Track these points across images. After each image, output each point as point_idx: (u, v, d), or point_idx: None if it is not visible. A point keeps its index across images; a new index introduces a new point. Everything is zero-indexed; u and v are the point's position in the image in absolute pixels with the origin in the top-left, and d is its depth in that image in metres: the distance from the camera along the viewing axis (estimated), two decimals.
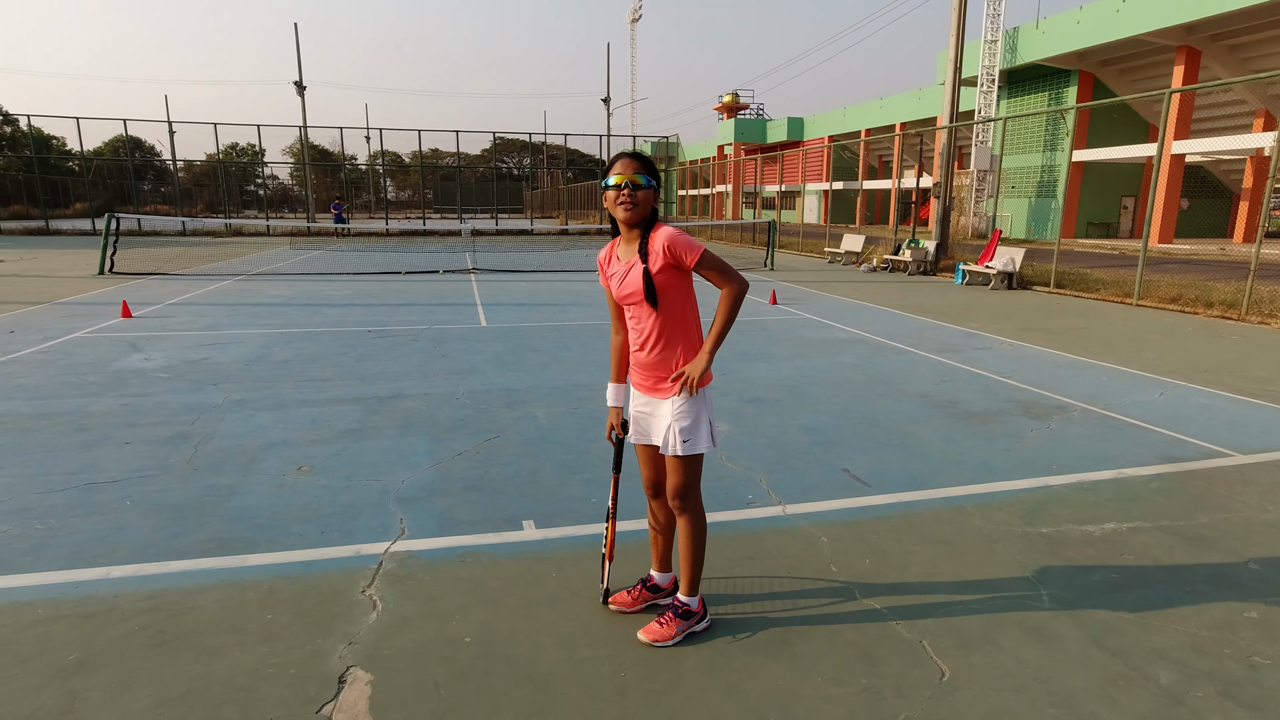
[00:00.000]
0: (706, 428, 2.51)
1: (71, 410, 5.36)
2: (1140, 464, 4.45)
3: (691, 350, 2.50)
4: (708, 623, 2.70)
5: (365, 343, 8.08)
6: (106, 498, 3.80)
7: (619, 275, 2.52)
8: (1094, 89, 31.16)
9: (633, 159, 2.48)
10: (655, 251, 2.43)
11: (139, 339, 8.13)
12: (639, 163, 2.47)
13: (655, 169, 2.52)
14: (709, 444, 2.51)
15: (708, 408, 2.52)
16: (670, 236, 2.41)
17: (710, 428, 2.52)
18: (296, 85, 35.17)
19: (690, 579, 2.63)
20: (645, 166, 2.47)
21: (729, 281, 2.44)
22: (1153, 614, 2.79)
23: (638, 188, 2.43)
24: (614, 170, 2.46)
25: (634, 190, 2.42)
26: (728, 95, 65.38)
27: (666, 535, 2.81)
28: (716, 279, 2.44)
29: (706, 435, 2.50)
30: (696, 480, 2.56)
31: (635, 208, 2.44)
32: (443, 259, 19.82)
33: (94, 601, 2.83)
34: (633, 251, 2.49)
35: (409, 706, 2.26)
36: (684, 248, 2.41)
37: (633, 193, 2.43)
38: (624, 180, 2.42)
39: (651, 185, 2.45)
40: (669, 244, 2.40)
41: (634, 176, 2.42)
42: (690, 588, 2.64)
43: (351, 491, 3.94)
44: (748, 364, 7.12)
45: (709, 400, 2.54)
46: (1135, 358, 7.58)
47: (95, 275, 14.65)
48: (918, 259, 16.91)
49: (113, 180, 37.75)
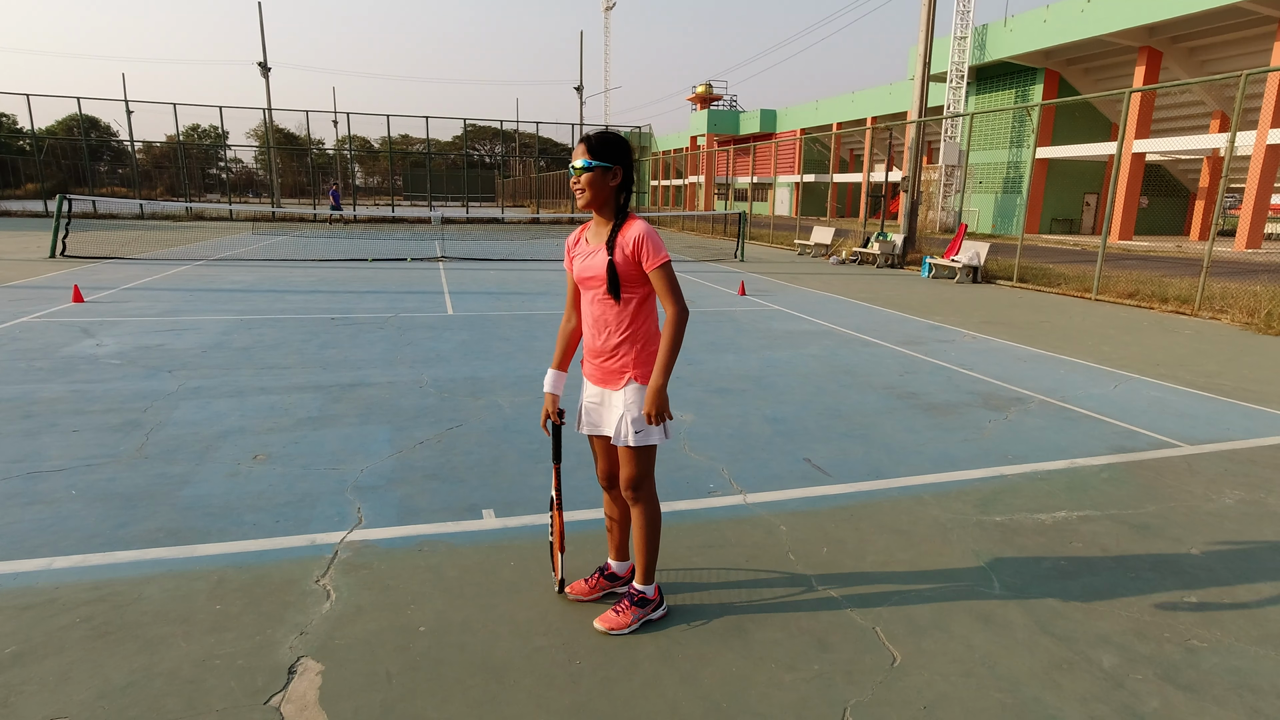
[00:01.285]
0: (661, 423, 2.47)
1: (16, 396, 5.19)
2: (1092, 454, 4.55)
3: (645, 343, 2.46)
4: (664, 610, 2.70)
5: (329, 330, 7.94)
6: (51, 486, 3.69)
7: (582, 256, 2.48)
8: (1059, 87, 31.75)
9: (584, 141, 2.38)
10: (623, 243, 2.38)
11: (91, 324, 7.89)
12: (587, 144, 2.36)
13: (616, 147, 2.38)
14: (661, 436, 2.49)
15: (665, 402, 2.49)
16: (642, 233, 2.36)
17: (665, 422, 2.47)
18: (261, 66, 34.33)
19: (645, 568, 2.63)
20: (596, 147, 2.36)
21: (676, 304, 2.36)
22: (1098, 600, 2.87)
23: (583, 170, 2.35)
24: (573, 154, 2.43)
25: (579, 174, 2.36)
26: (701, 86, 65.32)
27: (623, 525, 2.80)
28: (665, 296, 2.38)
29: (660, 427, 2.47)
30: (649, 471, 2.55)
31: (584, 192, 2.37)
32: (411, 246, 19.55)
33: (34, 593, 2.74)
34: (602, 237, 2.45)
35: (359, 696, 2.23)
36: (650, 250, 2.35)
37: (578, 176, 2.36)
38: (571, 165, 2.38)
39: (597, 166, 2.34)
40: (638, 240, 2.35)
41: (581, 158, 2.34)
42: (645, 576, 2.64)
43: (309, 480, 3.87)
44: (714, 354, 7.14)
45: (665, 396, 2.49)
46: (1093, 351, 7.76)
47: (46, 259, 14.18)
48: (886, 252, 17.10)
49: (67, 160, 36.49)
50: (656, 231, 2.41)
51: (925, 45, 16.77)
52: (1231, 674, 2.42)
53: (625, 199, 2.45)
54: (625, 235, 2.38)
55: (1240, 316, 9.72)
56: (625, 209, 2.45)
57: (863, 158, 45.10)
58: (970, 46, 32.43)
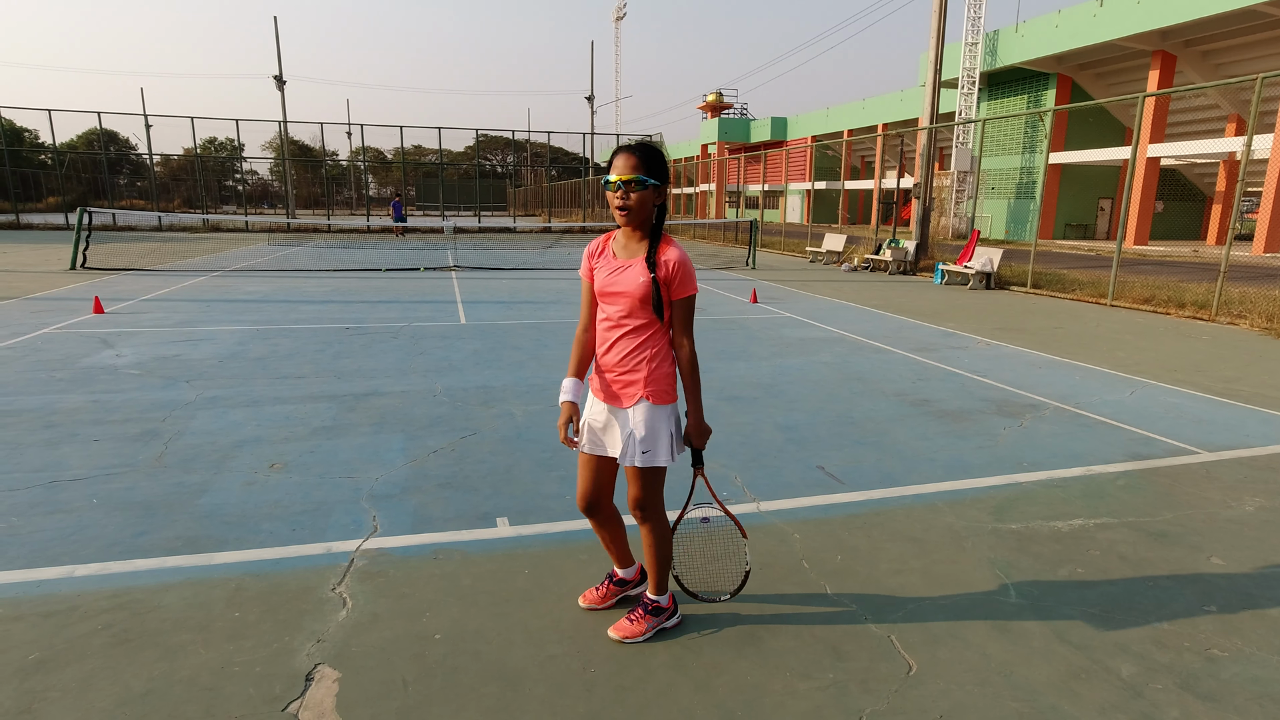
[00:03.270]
0: (667, 441, 2.44)
1: (38, 407, 5.27)
2: (1109, 461, 4.51)
3: (660, 363, 2.41)
4: (678, 619, 2.70)
5: (343, 340, 8.01)
6: (72, 495, 3.74)
7: (609, 269, 2.39)
8: (1072, 92, 31.59)
9: (633, 153, 2.27)
10: (665, 264, 2.33)
11: (110, 335, 8.00)
12: (638, 157, 2.26)
13: (663, 163, 2.30)
14: (669, 458, 2.44)
15: (670, 422, 2.45)
16: (679, 259, 2.33)
17: (672, 442, 2.45)
18: (276, 79, 34.77)
19: (658, 579, 2.63)
20: (647, 162, 2.26)
21: (689, 338, 2.40)
22: (1116, 609, 2.84)
23: (635, 187, 2.26)
24: (614, 165, 2.29)
25: (628, 192, 2.27)
26: (712, 95, 65.49)
27: (618, 540, 2.75)
28: (681, 327, 2.39)
29: (667, 449, 2.43)
30: (657, 493, 2.52)
31: (630, 212, 2.29)
32: (424, 256, 19.69)
33: (56, 600, 2.78)
34: (634, 253, 2.37)
35: (376, 704, 2.25)
36: (685, 279, 2.35)
37: (627, 194, 2.27)
38: (619, 180, 2.26)
39: (651, 185, 2.27)
40: (675, 265, 2.32)
41: (633, 174, 2.25)
42: (658, 586, 2.64)
43: (324, 489, 3.91)
44: (726, 362, 7.14)
45: (673, 416, 2.47)
46: (1108, 357, 7.69)
47: (67, 270, 14.40)
48: (898, 259, 17.05)
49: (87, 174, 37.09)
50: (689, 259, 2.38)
51: (936, 51, 16.75)
52: (1253, 684, 2.39)
53: (662, 216, 2.39)
54: (667, 256, 2.32)
55: (1259, 321, 9.61)
56: (661, 227, 2.40)
57: (874, 164, 45.03)
58: (981, 52, 32.35)
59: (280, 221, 29.79)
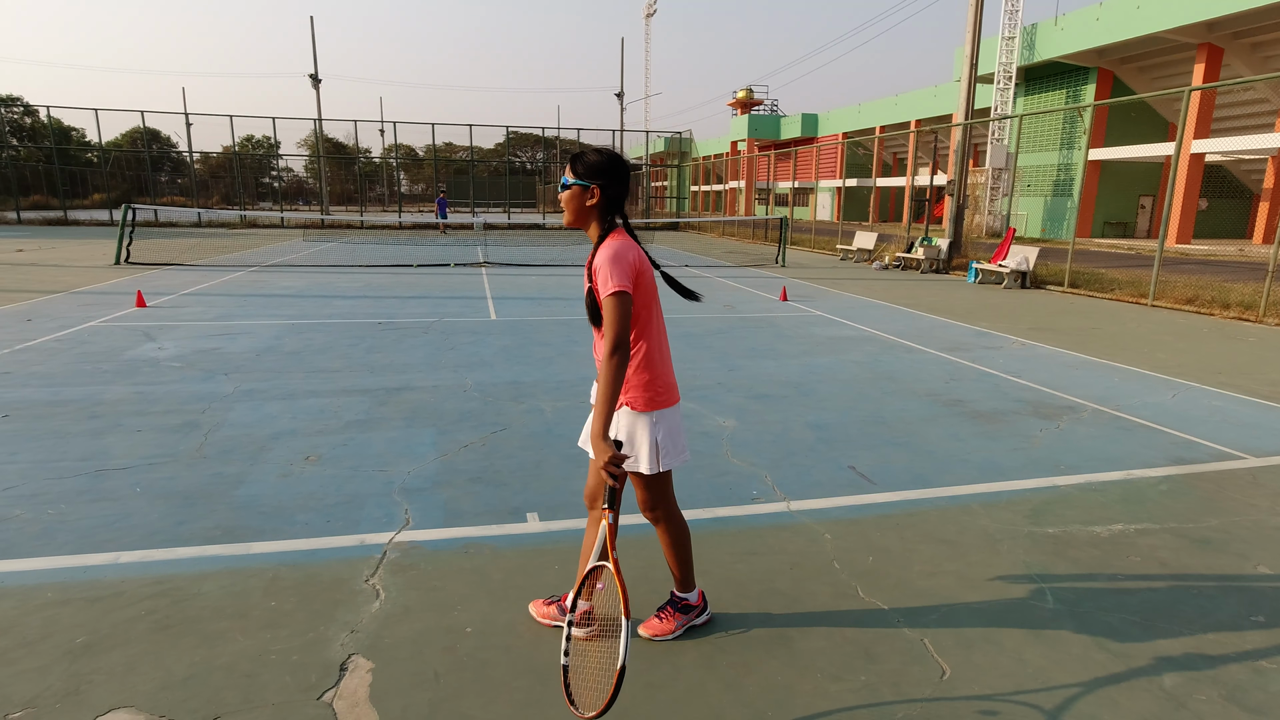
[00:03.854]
0: (649, 449, 2.35)
1: (84, 398, 5.42)
2: (1149, 465, 4.40)
3: (639, 369, 2.33)
4: (708, 616, 2.69)
5: (375, 335, 8.12)
6: (116, 484, 3.85)
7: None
8: (1113, 87, 30.82)
9: (570, 158, 2.33)
10: (594, 268, 2.24)
11: (152, 328, 8.21)
12: (570, 162, 2.31)
13: (596, 166, 2.27)
14: (650, 466, 2.35)
15: (654, 431, 2.35)
16: (605, 258, 2.19)
17: (655, 451, 2.35)
18: (312, 78, 35.32)
19: (681, 576, 2.61)
20: (574, 165, 2.29)
21: (610, 341, 2.13)
22: (1157, 616, 2.77)
23: (560, 189, 2.32)
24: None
25: (560, 191, 2.32)
26: (742, 91, 65.09)
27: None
28: (606, 327, 2.16)
29: (649, 456, 2.35)
30: (662, 496, 2.49)
31: (564, 210, 2.33)
32: (454, 252, 19.88)
33: (101, 586, 2.86)
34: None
35: (408, 695, 2.28)
36: (605, 276, 2.16)
37: (560, 193, 2.32)
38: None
39: (574, 185, 2.27)
40: (600, 265, 2.19)
41: (563, 178, 2.31)
42: (684, 584, 2.63)
43: (357, 481, 3.97)
44: (755, 360, 7.10)
45: (659, 425, 2.36)
46: (1148, 359, 7.50)
47: (111, 265, 14.80)
48: (930, 257, 16.80)
49: (130, 171, 38.08)
50: (630, 254, 2.22)
51: (972, 46, 16.46)
52: None
53: (611, 220, 2.31)
54: (595, 259, 2.24)
55: None
56: (608, 231, 2.30)
57: (906, 161, 44.40)
58: (1019, 46, 31.70)
59: (315, 218, 30.33)
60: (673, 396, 2.42)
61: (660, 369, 2.38)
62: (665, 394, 2.39)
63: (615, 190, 2.30)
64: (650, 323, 2.35)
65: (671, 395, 2.42)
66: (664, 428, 2.38)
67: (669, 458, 2.40)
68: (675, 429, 2.42)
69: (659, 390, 2.37)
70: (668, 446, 2.39)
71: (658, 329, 2.39)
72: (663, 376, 2.39)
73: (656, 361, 2.37)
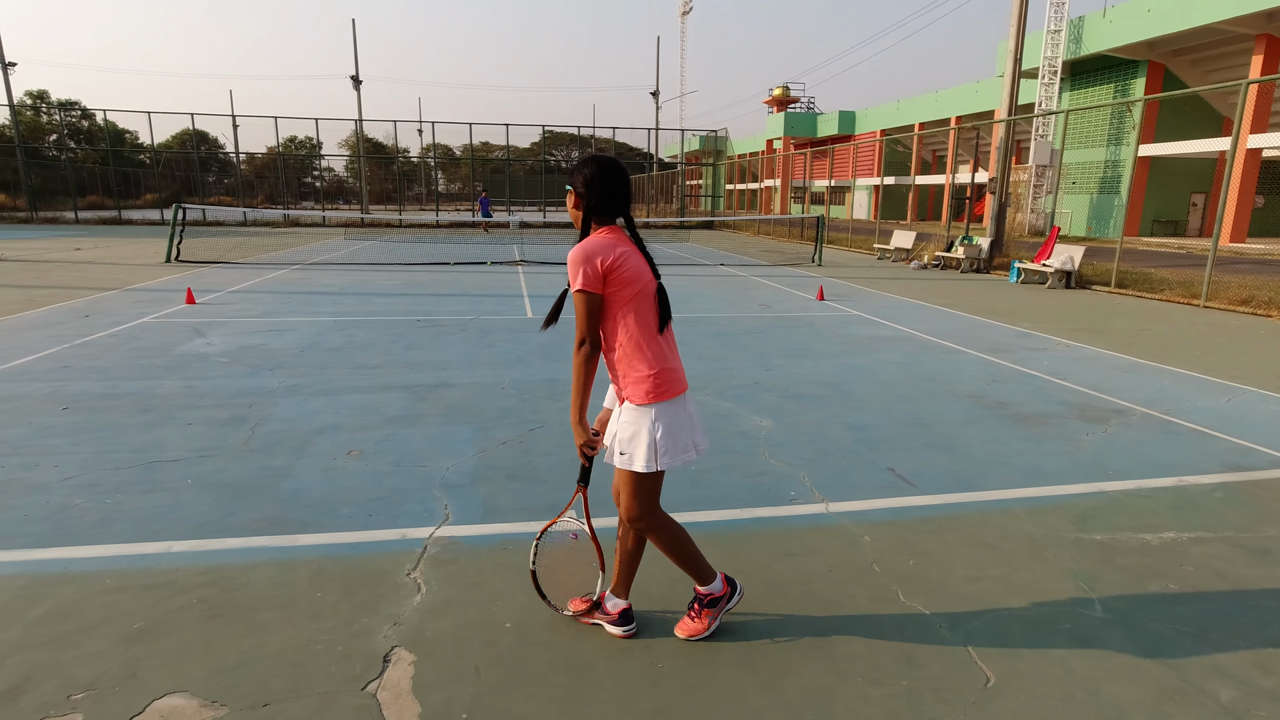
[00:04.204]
0: (646, 445, 2.33)
1: (138, 391, 5.61)
2: (1203, 472, 4.26)
3: (626, 366, 2.37)
4: (739, 596, 2.65)
5: (413, 332, 8.25)
6: (168, 475, 3.97)
7: None
8: (1164, 80, 29.86)
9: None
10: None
11: (201, 324, 8.45)
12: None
13: (579, 172, 2.39)
14: (646, 464, 2.33)
15: (653, 428, 2.34)
16: (572, 258, 2.31)
17: (654, 449, 2.33)
18: (353, 80, 35.99)
19: (695, 574, 2.58)
20: (571, 172, 2.44)
21: (576, 334, 2.33)
22: (1213, 628, 2.68)
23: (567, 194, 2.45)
24: None
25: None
26: (778, 89, 64.63)
27: (623, 558, 2.63)
28: (576, 321, 2.35)
29: (645, 454, 2.33)
30: (646, 504, 2.44)
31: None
32: (490, 250, 20.08)
33: (156, 574, 2.96)
34: None
35: (450, 688, 2.31)
36: (571, 274, 2.31)
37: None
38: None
39: (570, 190, 2.41)
40: (568, 263, 2.34)
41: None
42: (701, 578, 2.58)
43: (398, 476, 4.04)
44: (792, 360, 7.05)
45: (659, 421, 2.34)
46: (1201, 361, 7.26)
47: (162, 263, 15.27)
48: (971, 256, 16.48)
49: (180, 172, 39.26)
50: (601, 254, 2.29)
51: (1016, 40, 16.09)
52: None
53: (598, 222, 2.39)
54: (568, 257, 2.37)
55: None
56: (586, 232, 2.40)
57: (946, 159, 43.61)
58: (1065, 40, 30.90)
59: (354, 217, 30.89)
60: (674, 388, 2.38)
61: (654, 361, 2.35)
62: (664, 386, 2.35)
63: (598, 195, 2.36)
64: (630, 316, 2.35)
65: (672, 387, 2.37)
66: (664, 423, 2.35)
67: (668, 456, 2.36)
68: (677, 425, 2.38)
69: (656, 382, 2.35)
70: (667, 444, 2.35)
71: (645, 322, 2.37)
72: (659, 368, 2.36)
73: (647, 354, 2.35)
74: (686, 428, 2.41)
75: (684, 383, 2.44)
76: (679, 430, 2.38)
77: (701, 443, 2.49)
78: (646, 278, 2.39)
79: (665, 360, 2.39)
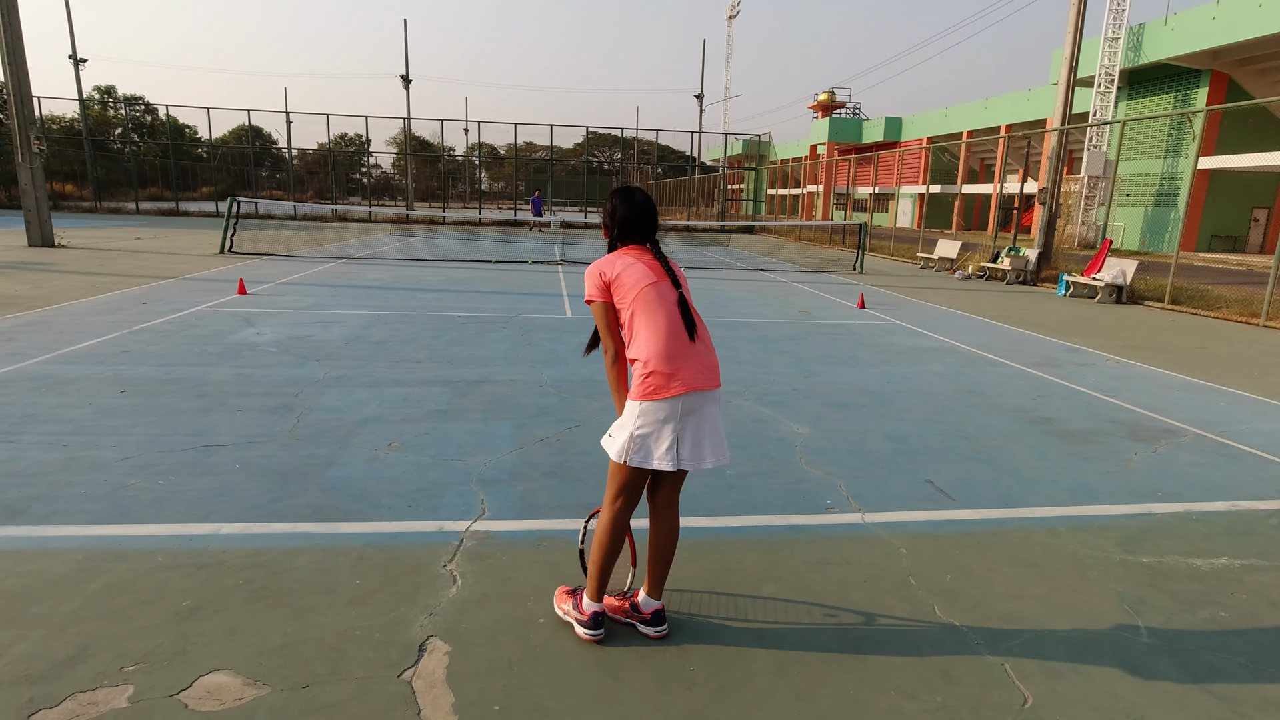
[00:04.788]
0: (624, 441, 2.43)
1: (193, 378, 5.80)
2: (1260, 497, 4.11)
3: (633, 364, 2.48)
4: (589, 636, 2.56)
5: (456, 328, 8.38)
6: (219, 460, 4.10)
7: None
8: (1227, 90, 28.80)
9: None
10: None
11: (252, 314, 8.70)
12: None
13: (606, 207, 2.68)
14: (618, 454, 2.45)
15: (633, 423, 2.42)
16: (587, 271, 2.56)
17: (628, 445, 2.42)
18: (403, 79, 36.69)
19: (592, 583, 2.59)
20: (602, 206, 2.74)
21: (606, 345, 2.55)
22: (1266, 660, 2.59)
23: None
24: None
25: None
26: (823, 94, 64.02)
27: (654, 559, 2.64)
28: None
29: (620, 445, 2.44)
30: (613, 492, 2.52)
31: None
32: (532, 250, 20.28)
33: (205, 554, 3.06)
34: None
35: (483, 680, 2.35)
36: (586, 282, 2.55)
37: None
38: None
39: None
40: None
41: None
42: (592, 592, 2.59)
43: (438, 470, 4.11)
44: (832, 368, 6.98)
45: (640, 418, 2.41)
46: (1260, 383, 6.99)
47: (217, 254, 15.76)
48: (1017, 268, 16.11)
49: (235, 166, 40.48)
50: (603, 266, 2.52)
51: (1073, 48, 15.70)
52: None
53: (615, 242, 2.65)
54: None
55: None
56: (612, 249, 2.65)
57: (994, 168, 42.69)
58: (1123, 48, 30.02)
59: (400, 213, 31.47)
60: (663, 390, 2.38)
61: (649, 361, 2.39)
62: (654, 387, 2.39)
63: (618, 225, 2.63)
64: (634, 320, 2.46)
65: (661, 389, 2.38)
66: (643, 423, 2.41)
67: (639, 456, 2.42)
68: (656, 431, 2.40)
69: (648, 382, 2.39)
70: (639, 445, 2.41)
71: (653, 326, 2.44)
72: (651, 369, 2.39)
73: (644, 354, 2.42)
74: (668, 435, 2.40)
75: (687, 385, 2.40)
76: (657, 436, 2.41)
77: (691, 455, 2.43)
78: (646, 282, 2.47)
79: (663, 363, 2.39)
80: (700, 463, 2.46)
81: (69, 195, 34.32)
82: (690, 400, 2.42)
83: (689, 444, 2.44)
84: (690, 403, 2.42)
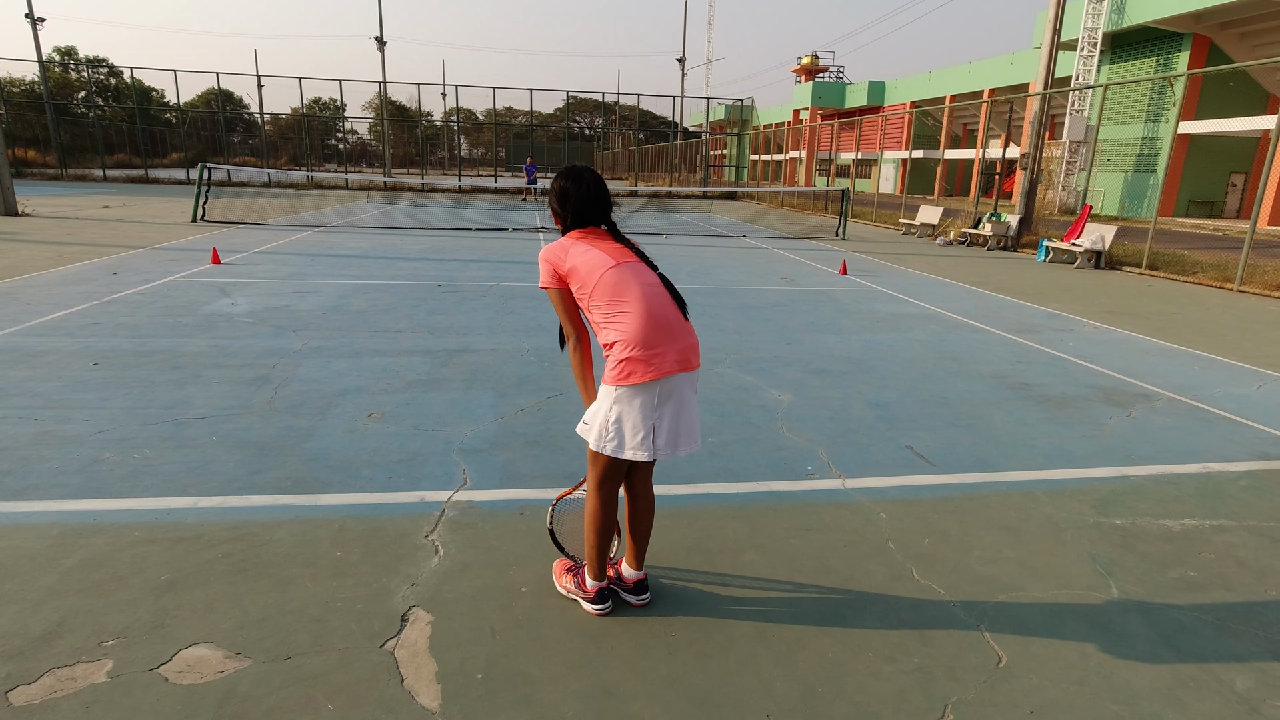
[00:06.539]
0: (600, 424, 2.37)
1: (167, 349, 5.70)
2: (1230, 459, 4.20)
3: (604, 349, 2.40)
4: (597, 610, 2.57)
5: (436, 297, 8.28)
6: (196, 432, 4.05)
7: None
8: (1208, 54, 28.81)
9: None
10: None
11: (227, 284, 8.54)
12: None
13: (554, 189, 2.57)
14: (595, 443, 2.39)
15: (608, 409, 2.35)
16: (539, 256, 2.50)
17: (604, 428, 2.36)
18: (377, 40, 35.72)
19: (592, 565, 2.58)
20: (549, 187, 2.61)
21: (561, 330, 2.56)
22: (1232, 617, 2.66)
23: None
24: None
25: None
26: (807, 57, 63.24)
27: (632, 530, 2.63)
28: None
29: (596, 433, 2.38)
30: (596, 479, 2.48)
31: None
32: (513, 217, 20.03)
33: (183, 528, 3.03)
34: None
35: (466, 649, 2.36)
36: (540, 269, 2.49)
37: None
38: None
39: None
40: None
41: None
42: (594, 573, 2.58)
43: (418, 440, 4.08)
44: (814, 335, 7.00)
45: (616, 404, 2.34)
46: (1233, 347, 7.11)
47: (189, 223, 15.40)
48: (998, 234, 16.18)
49: (205, 132, 39.39)
50: (552, 257, 2.45)
51: (1056, 10, 15.58)
52: None
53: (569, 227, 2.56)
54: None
55: None
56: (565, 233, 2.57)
57: (977, 133, 42.58)
58: (1107, 10, 29.85)
59: (378, 180, 30.88)
60: (636, 376, 2.30)
61: (623, 346, 2.31)
62: (625, 373, 2.30)
63: (566, 209, 2.54)
64: (598, 304, 2.36)
65: (634, 374, 2.30)
66: (619, 411, 2.34)
67: (614, 444, 2.36)
68: (631, 417, 2.33)
69: (620, 367, 2.31)
70: (615, 433, 2.35)
71: (627, 309, 2.32)
72: (627, 354, 2.30)
73: (626, 339, 2.31)
74: (643, 423, 2.33)
75: (665, 369, 2.32)
76: (633, 424, 2.34)
77: (667, 444, 2.39)
78: (606, 267, 2.37)
79: (640, 347, 2.30)
80: (674, 451, 2.41)
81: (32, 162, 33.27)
82: (668, 384, 2.35)
83: (665, 433, 2.37)
84: (668, 387, 2.35)
